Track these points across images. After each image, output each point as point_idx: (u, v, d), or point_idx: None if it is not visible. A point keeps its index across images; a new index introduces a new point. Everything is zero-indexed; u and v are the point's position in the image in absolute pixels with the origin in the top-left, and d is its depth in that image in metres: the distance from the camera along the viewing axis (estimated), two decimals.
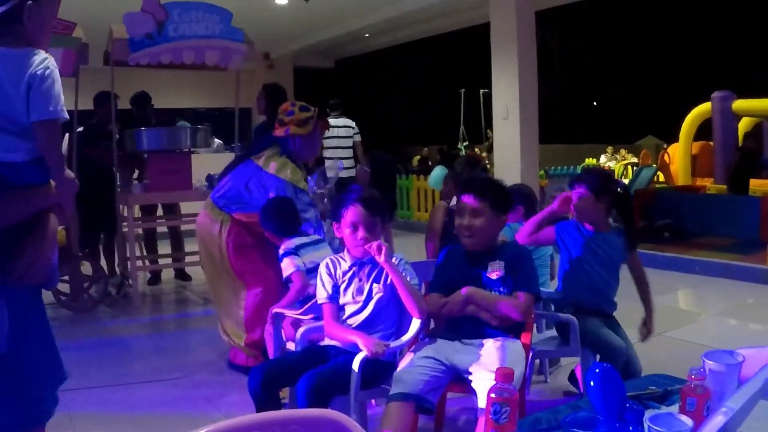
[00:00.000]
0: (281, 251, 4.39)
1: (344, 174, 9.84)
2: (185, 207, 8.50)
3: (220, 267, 5.06)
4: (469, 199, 3.48)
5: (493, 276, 3.40)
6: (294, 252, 4.37)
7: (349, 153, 10.80)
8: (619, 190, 4.26)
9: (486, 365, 3.05)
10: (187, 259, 8.43)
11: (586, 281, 4.07)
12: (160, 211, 8.71)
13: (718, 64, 20.22)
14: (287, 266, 4.31)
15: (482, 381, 2.96)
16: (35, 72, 2.70)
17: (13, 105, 2.68)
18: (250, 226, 4.90)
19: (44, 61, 2.73)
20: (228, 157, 8.68)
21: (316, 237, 4.57)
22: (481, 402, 2.85)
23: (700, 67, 21.08)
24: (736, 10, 20.67)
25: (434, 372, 3.11)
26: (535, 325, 4.14)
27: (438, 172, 6.40)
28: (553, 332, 4.32)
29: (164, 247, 8.72)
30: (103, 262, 7.94)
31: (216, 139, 11.73)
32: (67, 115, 2.79)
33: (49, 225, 2.81)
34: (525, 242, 4.17)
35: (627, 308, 4.18)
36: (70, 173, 2.94)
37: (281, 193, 4.71)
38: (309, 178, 5.48)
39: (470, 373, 3.09)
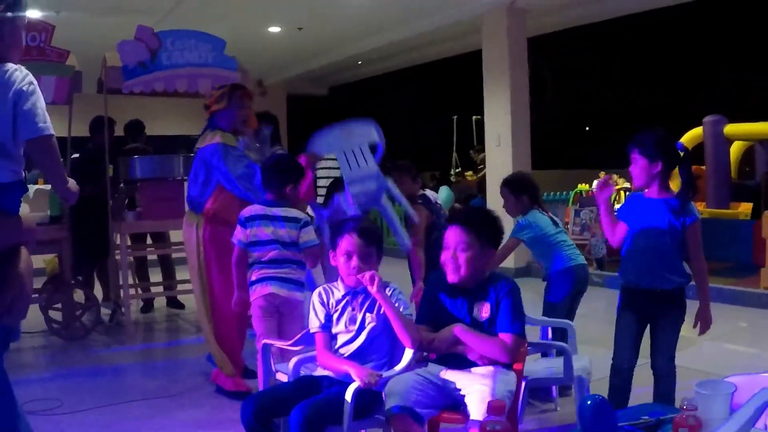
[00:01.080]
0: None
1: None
2: (175, 235, 8.51)
3: (202, 279, 5.24)
4: (454, 232, 3.37)
5: (483, 315, 3.32)
6: (242, 223, 4.58)
7: None
8: (680, 152, 4.04)
9: (478, 380, 3.09)
10: (180, 287, 8.41)
11: (638, 255, 3.94)
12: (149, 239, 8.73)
13: (710, 89, 20.33)
14: (235, 234, 4.61)
15: (474, 394, 2.99)
16: (21, 88, 2.70)
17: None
18: (220, 216, 5.12)
19: (26, 76, 2.74)
20: None
21: (277, 211, 4.60)
22: (474, 413, 2.86)
23: (691, 91, 21.19)
24: (727, 36, 20.80)
25: (425, 388, 3.13)
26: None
27: (446, 192, 6.47)
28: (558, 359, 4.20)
29: (155, 275, 8.71)
30: (97, 290, 7.92)
31: None
32: (53, 131, 2.78)
33: (24, 259, 2.78)
34: (619, 245, 4.07)
35: None
36: (73, 183, 2.94)
37: (216, 154, 5.05)
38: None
39: (460, 389, 3.13)
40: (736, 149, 13.55)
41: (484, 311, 3.29)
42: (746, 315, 7.65)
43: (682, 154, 4.02)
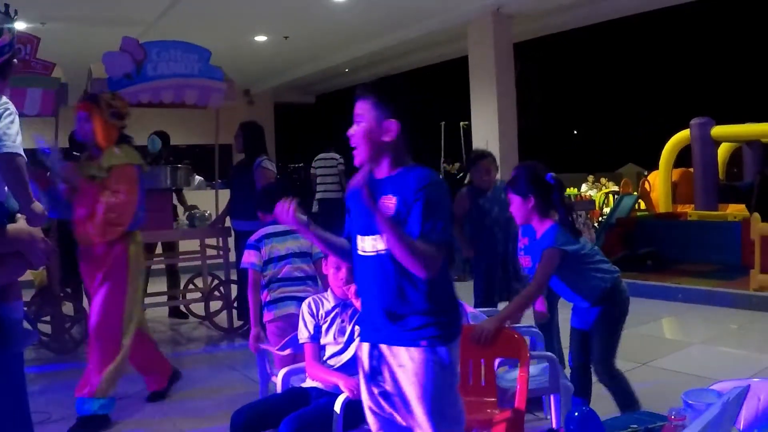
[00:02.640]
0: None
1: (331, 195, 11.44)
2: (183, 244, 8.53)
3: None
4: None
5: (386, 211, 2.56)
6: (254, 246, 4.54)
7: (335, 180, 11.58)
8: (549, 183, 3.95)
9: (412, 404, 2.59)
10: (188, 296, 8.56)
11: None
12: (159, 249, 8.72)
13: (697, 91, 20.41)
14: (244, 259, 4.54)
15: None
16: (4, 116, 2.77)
17: None
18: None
19: (5, 103, 2.80)
20: (209, 194, 8.69)
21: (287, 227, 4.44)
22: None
23: (678, 94, 21.27)
24: (713, 38, 20.90)
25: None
26: None
27: None
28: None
29: (159, 285, 8.68)
30: (85, 303, 7.87)
31: (197, 177, 11.72)
32: (23, 153, 2.84)
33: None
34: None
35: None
36: (38, 206, 2.94)
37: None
38: None
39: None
40: (723, 151, 13.61)
41: (388, 205, 2.58)
42: (735, 317, 7.67)
43: (552, 184, 3.96)
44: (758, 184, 11.54)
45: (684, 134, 13.09)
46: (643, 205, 13.90)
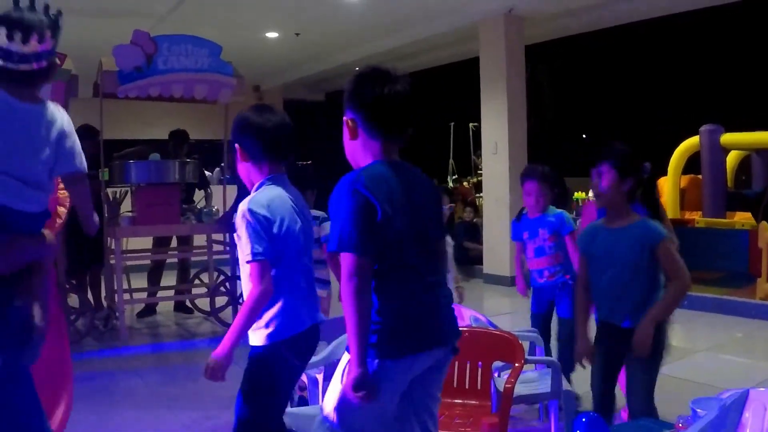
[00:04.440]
0: None
1: None
2: (196, 238, 8.57)
3: None
4: None
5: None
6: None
7: None
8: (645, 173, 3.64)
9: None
10: (194, 290, 8.59)
11: (598, 286, 3.58)
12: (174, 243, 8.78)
13: (707, 98, 20.35)
14: None
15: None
16: (61, 129, 2.90)
17: (39, 158, 2.81)
18: None
19: (65, 116, 2.95)
20: (217, 190, 8.70)
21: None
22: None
23: (688, 100, 21.21)
24: (724, 45, 20.84)
25: None
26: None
27: None
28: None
29: (168, 279, 8.70)
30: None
31: (217, 170, 11.81)
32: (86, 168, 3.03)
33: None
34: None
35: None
36: (96, 217, 3.10)
37: None
38: None
39: None
40: (732, 159, 13.56)
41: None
42: (742, 325, 7.64)
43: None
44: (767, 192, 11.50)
45: (693, 141, 13.04)
46: None
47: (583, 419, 1.64)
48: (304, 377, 3.76)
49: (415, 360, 2.48)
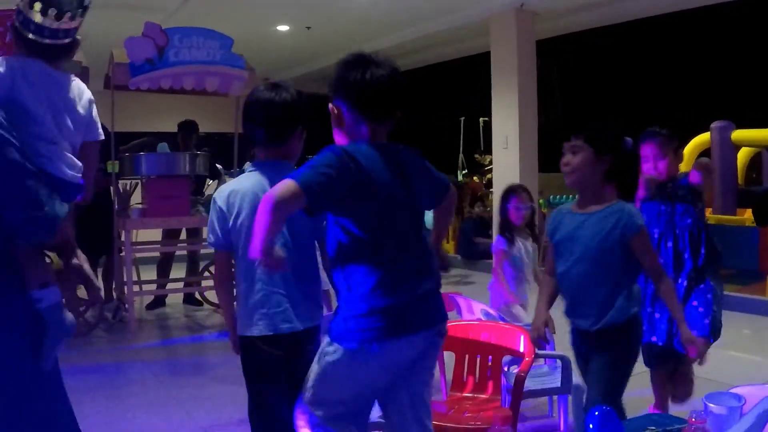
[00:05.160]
0: None
1: None
2: (206, 231, 8.57)
3: None
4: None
5: None
6: None
7: None
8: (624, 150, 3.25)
9: None
10: (203, 283, 8.62)
11: (561, 280, 3.27)
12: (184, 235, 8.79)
13: (718, 94, 20.27)
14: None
15: None
16: (89, 97, 3.02)
17: (79, 128, 2.95)
18: None
19: (86, 87, 3.04)
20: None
21: None
22: None
23: (699, 97, 21.14)
24: (736, 41, 20.75)
25: None
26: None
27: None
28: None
29: (178, 271, 8.71)
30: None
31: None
32: None
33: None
34: None
35: None
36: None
37: None
38: None
39: None
40: (743, 155, 13.50)
41: None
42: (751, 322, 7.61)
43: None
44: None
45: (704, 137, 12.97)
46: None
47: (596, 413, 1.64)
48: None
49: (400, 344, 2.45)
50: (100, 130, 3.13)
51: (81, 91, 2.99)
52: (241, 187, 2.96)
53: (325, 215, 2.55)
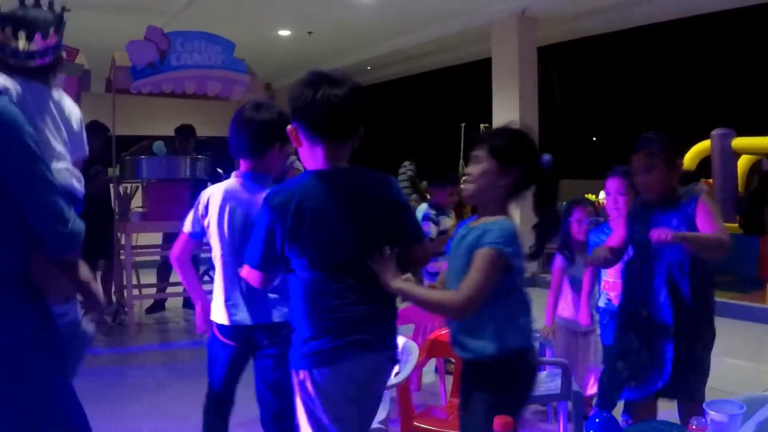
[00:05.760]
0: None
1: None
2: None
3: None
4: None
5: None
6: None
7: (407, 184, 12.78)
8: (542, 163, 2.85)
9: None
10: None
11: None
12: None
13: (718, 102, 20.28)
14: None
15: None
16: (79, 115, 3.08)
17: (72, 142, 3.00)
18: None
19: (74, 104, 3.09)
20: None
21: None
22: None
23: (699, 104, 21.15)
24: (736, 48, 20.77)
25: None
26: None
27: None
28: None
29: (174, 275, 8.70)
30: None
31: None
32: None
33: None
34: None
35: None
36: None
37: None
38: None
39: None
40: (743, 163, 13.51)
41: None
42: (750, 330, 7.61)
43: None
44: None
45: (704, 145, 13.00)
46: None
47: (597, 419, 1.64)
48: None
49: (349, 366, 2.44)
50: (86, 148, 3.15)
51: (71, 108, 3.01)
52: (216, 191, 3.32)
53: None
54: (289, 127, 2.54)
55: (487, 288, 2.39)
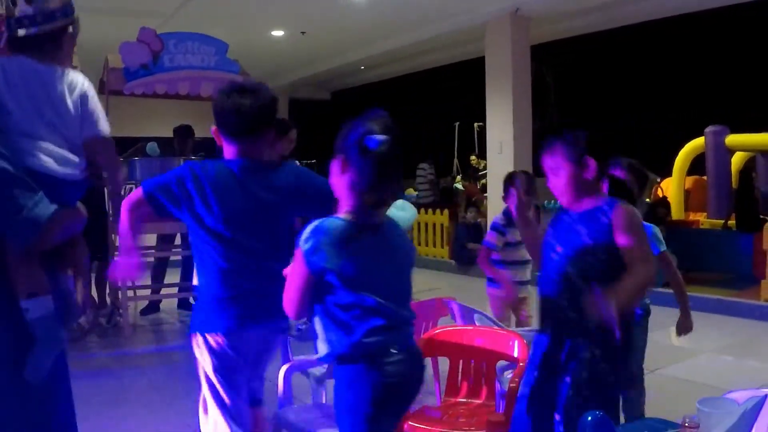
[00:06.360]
0: None
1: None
2: None
3: None
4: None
5: None
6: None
7: (427, 186, 13.37)
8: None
9: None
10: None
11: None
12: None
13: (712, 99, 20.31)
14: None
15: None
16: (83, 91, 2.92)
17: (65, 120, 2.84)
18: None
19: (85, 80, 2.96)
20: None
21: None
22: None
23: (693, 101, 21.17)
24: (729, 46, 20.81)
25: None
26: None
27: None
28: None
29: (173, 276, 8.67)
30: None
31: None
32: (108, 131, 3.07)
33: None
34: None
35: None
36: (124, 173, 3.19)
37: None
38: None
39: None
40: (737, 160, 13.54)
41: None
42: (745, 327, 7.63)
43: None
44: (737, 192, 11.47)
45: (698, 142, 13.03)
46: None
47: (589, 418, 1.64)
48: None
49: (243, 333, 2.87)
50: (101, 126, 3.02)
51: (74, 84, 2.91)
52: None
53: None
54: (213, 128, 3.00)
55: None
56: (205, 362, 2.97)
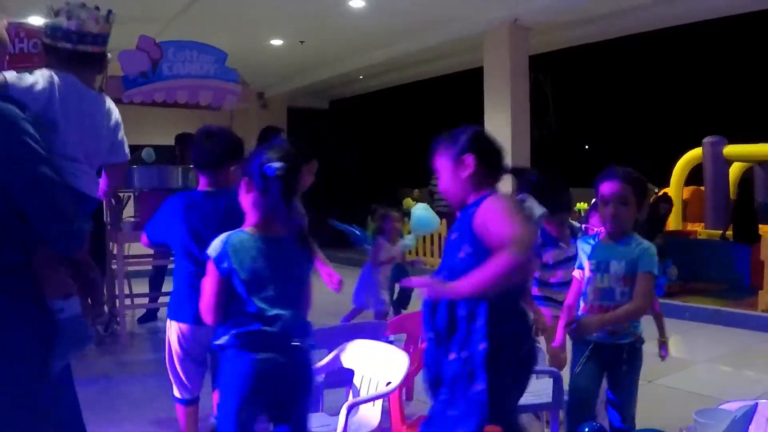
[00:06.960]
0: None
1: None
2: None
3: None
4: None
5: None
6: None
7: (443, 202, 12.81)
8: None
9: None
10: None
11: None
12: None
13: (710, 110, 20.35)
14: None
15: None
16: (117, 119, 3.20)
17: (101, 146, 3.09)
18: None
19: (116, 108, 3.24)
20: None
21: None
22: None
23: (691, 112, 21.21)
24: (728, 57, 20.85)
25: None
26: None
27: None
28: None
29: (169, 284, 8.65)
30: None
31: None
32: None
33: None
34: None
35: None
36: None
37: None
38: None
39: None
40: (735, 170, 13.56)
41: None
42: (742, 337, 7.63)
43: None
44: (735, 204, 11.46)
45: (696, 152, 13.05)
46: None
47: (586, 429, 1.65)
48: None
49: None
50: (126, 152, 3.29)
51: (110, 111, 3.11)
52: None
53: None
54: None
55: None
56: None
